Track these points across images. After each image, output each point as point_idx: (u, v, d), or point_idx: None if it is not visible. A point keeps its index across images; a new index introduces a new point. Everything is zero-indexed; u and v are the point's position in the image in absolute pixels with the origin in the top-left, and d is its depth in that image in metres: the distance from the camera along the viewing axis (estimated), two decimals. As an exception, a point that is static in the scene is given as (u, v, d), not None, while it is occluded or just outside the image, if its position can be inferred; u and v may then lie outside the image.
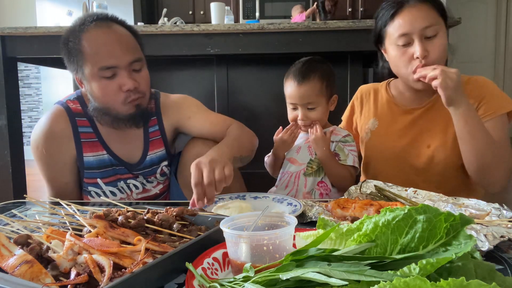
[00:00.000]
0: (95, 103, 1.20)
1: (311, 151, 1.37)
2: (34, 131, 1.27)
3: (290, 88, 1.33)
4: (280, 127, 1.39)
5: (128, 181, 1.32)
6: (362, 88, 1.49)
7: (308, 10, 3.75)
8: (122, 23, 1.21)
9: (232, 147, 1.21)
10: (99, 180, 1.29)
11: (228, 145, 1.20)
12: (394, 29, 1.18)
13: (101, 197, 1.29)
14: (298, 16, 3.79)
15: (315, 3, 3.74)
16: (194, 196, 0.97)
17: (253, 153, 1.38)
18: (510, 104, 1.20)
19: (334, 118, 1.49)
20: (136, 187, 1.34)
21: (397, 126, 1.33)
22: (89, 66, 1.14)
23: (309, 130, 1.35)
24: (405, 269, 0.44)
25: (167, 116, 1.36)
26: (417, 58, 1.14)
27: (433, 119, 1.27)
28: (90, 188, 1.29)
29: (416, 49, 1.14)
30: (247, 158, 1.34)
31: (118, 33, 1.18)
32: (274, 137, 1.39)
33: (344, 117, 1.54)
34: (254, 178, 1.56)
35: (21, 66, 5.05)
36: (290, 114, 1.38)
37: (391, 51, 1.21)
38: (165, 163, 1.38)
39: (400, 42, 1.17)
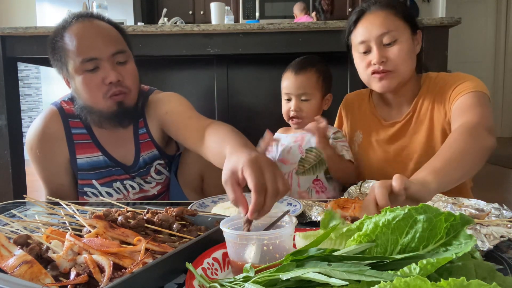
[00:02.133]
0: (80, 101, 1.19)
1: (302, 150, 1.39)
2: (28, 132, 1.26)
3: (287, 79, 1.36)
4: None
5: (125, 181, 1.31)
6: (347, 97, 1.49)
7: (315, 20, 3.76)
8: (105, 19, 1.20)
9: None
10: (94, 181, 1.28)
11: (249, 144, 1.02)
12: (355, 37, 1.20)
13: (97, 198, 1.29)
14: (304, 17, 3.79)
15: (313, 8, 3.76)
16: (252, 205, 0.67)
17: None
18: (481, 86, 1.13)
19: (328, 118, 1.49)
20: (133, 188, 1.33)
21: (379, 140, 1.32)
22: (72, 60, 1.13)
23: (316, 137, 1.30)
24: (406, 269, 0.44)
25: (150, 115, 1.31)
26: (374, 64, 1.16)
27: (414, 131, 1.25)
28: (85, 189, 1.29)
29: (373, 56, 1.16)
30: None
31: (99, 26, 1.17)
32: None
33: (336, 126, 1.51)
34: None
35: (21, 66, 5.05)
36: (284, 107, 1.39)
37: (355, 59, 1.24)
38: (160, 161, 1.36)
39: (361, 49, 1.19)
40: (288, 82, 1.35)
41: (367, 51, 1.17)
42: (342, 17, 4.58)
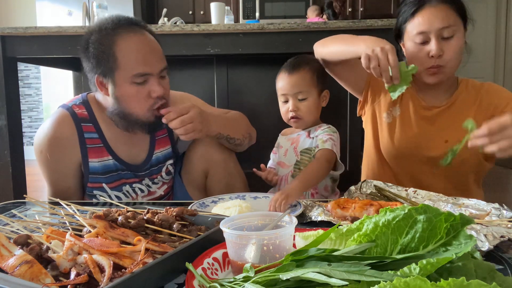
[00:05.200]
0: (118, 107, 1.19)
1: (297, 153, 1.38)
2: (38, 135, 1.25)
3: (282, 80, 1.36)
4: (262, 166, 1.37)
5: (134, 185, 1.32)
6: None
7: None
8: (150, 31, 1.24)
9: (223, 124, 1.31)
10: (104, 185, 1.28)
11: (221, 121, 1.30)
12: (413, 27, 1.22)
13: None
14: (316, 18, 3.78)
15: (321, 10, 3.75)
16: (169, 110, 1.16)
17: (245, 141, 1.40)
18: None
19: (330, 117, 1.49)
20: (142, 191, 1.34)
21: (417, 119, 1.34)
22: (123, 71, 1.14)
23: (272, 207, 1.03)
24: (405, 269, 0.44)
25: None
26: (432, 56, 1.18)
27: (451, 117, 1.30)
28: (95, 192, 1.28)
29: (432, 47, 1.18)
30: (237, 141, 1.37)
31: (151, 41, 1.20)
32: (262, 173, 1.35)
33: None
34: (254, 178, 1.56)
35: (21, 66, 5.05)
36: (282, 108, 1.39)
37: (409, 47, 1.25)
38: (171, 161, 1.38)
39: (418, 40, 1.20)
40: (283, 82, 1.34)
41: (424, 42, 1.20)
42: (342, 17, 4.57)
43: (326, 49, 1.32)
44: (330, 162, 1.29)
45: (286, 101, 1.36)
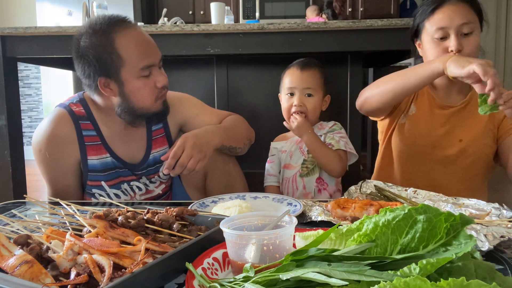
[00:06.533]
0: (127, 104, 1.19)
1: (303, 151, 1.39)
2: (36, 134, 1.25)
3: (292, 75, 1.38)
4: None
5: (132, 183, 1.32)
6: None
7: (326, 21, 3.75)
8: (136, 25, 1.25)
9: (225, 135, 1.30)
10: (103, 183, 1.28)
11: (221, 133, 1.30)
12: (433, 23, 1.24)
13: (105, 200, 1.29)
14: (316, 18, 3.78)
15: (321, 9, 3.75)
16: (167, 163, 1.19)
17: (246, 147, 1.41)
18: None
19: (330, 118, 1.49)
20: (140, 189, 1.34)
21: (432, 117, 1.35)
22: (129, 67, 1.15)
23: (291, 120, 1.36)
24: (405, 269, 0.44)
25: (173, 114, 1.36)
26: (451, 51, 1.20)
27: (467, 116, 1.31)
28: (94, 190, 1.29)
29: (451, 43, 1.20)
30: (238, 149, 1.38)
31: (145, 33, 1.22)
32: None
33: None
34: (254, 178, 1.56)
35: (21, 66, 5.05)
36: (286, 103, 1.40)
37: (426, 44, 1.27)
38: None
39: (437, 35, 1.23)
40: (293, 77, 1.37)
41: (444, 38, 1.22)
42: (342, 17, 4.57)
43: (382, 88, 1.25)
44: (343, 162, 1.36)
45: (292, 96, 1.37)
